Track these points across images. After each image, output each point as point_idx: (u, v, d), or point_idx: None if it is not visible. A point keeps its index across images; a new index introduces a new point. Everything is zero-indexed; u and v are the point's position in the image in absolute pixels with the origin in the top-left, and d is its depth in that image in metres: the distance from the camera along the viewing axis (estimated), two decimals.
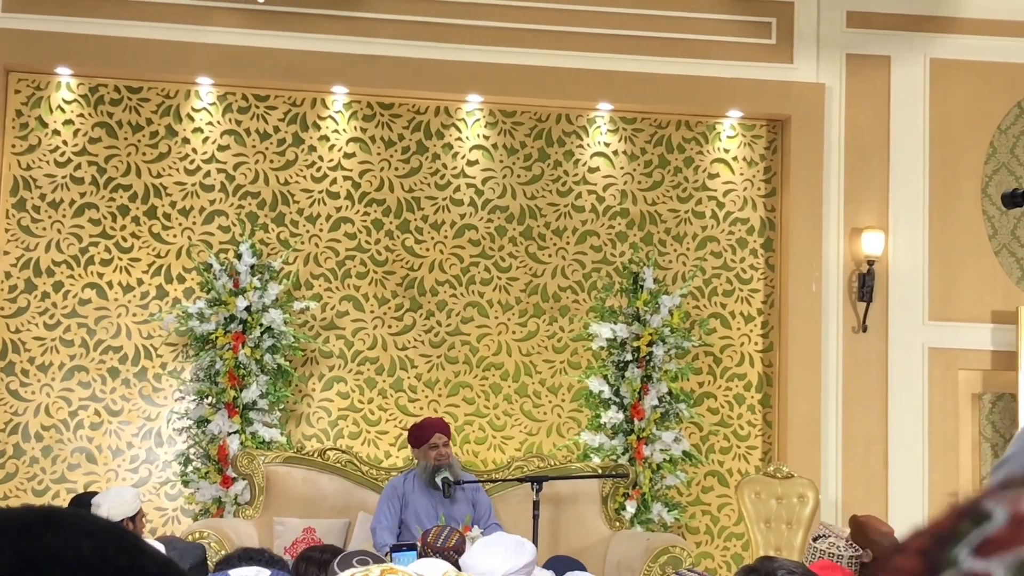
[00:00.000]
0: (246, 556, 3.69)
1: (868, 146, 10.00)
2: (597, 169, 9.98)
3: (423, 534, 6.69)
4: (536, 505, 7.41)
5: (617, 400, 9.22)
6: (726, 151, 10.10)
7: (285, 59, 9.53)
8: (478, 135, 9.89)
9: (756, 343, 10.02)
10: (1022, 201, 3.33)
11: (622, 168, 10.00)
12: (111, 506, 6.66)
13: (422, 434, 8.00)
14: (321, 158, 9.74)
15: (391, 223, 9.75)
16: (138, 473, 9.36)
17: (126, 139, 9.58)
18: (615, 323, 9.26)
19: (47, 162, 9.50)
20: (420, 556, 5.33)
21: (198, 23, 9.51)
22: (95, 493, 7.27)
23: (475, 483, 8.15)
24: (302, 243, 9.65)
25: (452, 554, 5.64)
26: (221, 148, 9.67)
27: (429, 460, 7.89)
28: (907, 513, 9.47)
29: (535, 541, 7.03)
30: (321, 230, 9.69)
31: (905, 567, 0.49)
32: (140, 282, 9.51)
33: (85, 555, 0.70)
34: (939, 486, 9.81)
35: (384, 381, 9.65)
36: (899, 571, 0.49)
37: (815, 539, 6.72)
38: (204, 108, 9.67)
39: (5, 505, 8.87)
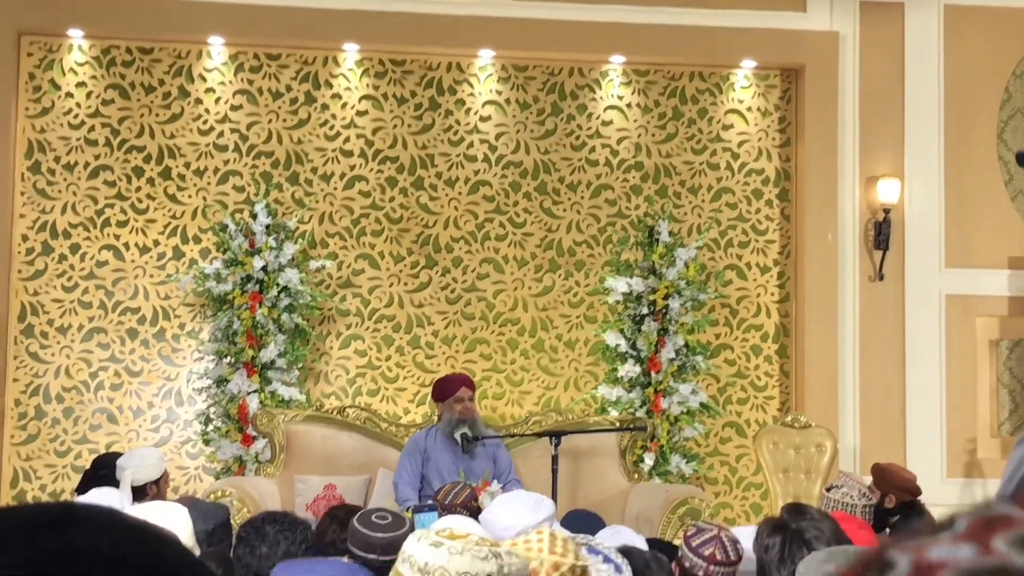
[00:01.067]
0: (269, 519, 3.71)
1: (883, 93, 9.95)
2: (611, 122, 9.96)
3: (435, 493, 6.73)
4: (554, 459, 7.42)
5: (634, 353, 9.23)
6: (740, 102, 10.06)
7: (296, 17, 9.50)
8: (491, 90, 9.87)
9: (772, 294, 10.02)
10: None
11: (636, 121, 9.98)
12: (136, 469, 6.58)
13: (447, 388, 8.00)
14: (334, 116, 9.73)
15: (405, 180, 9.75)
16: (159, 433, 9.41)
17: (139, 100, 9.58)
18: (631, 277, 9.26)
19: (61, 125, 9.51)
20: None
21: None
22: (118, 454, 7.19)
23: (495, 439, 8.16)
24: (317, 202, 9.66)
25: (461, 511, 5.66)
26: (234, 108, 9.66)
27: (454, 413, 7.90)
28: (925, 460, 9.49)
29: (554, 495, 7.06)
30: (335, 188, 9.70)
31: None
32: (156, 243, 9.53)
33: (106, 551, 0.70)
34: (957, 433, 9.82)
35: (401, 338, 9.68)
36: None
37: (828, 489, 6.75)
38: (216, 68, 9.66)
39: (28, 466, 8.95)
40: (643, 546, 3.97)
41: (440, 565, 2.03)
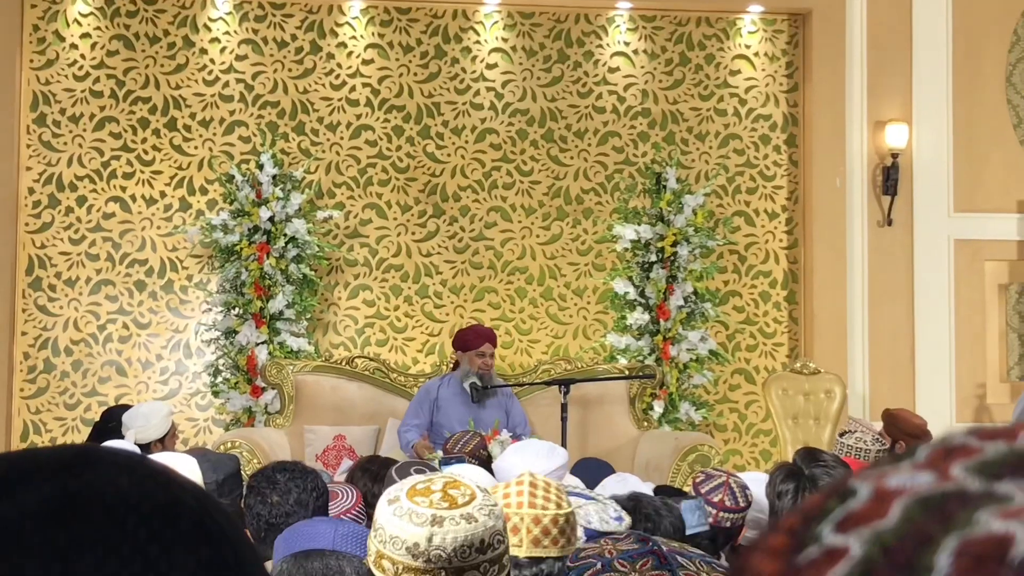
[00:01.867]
0: (280, 468, 3.71)
1: (890, 37, 9.89)
2: (617, 69, 9.91)
3: (444, 442, 6.75)
4: (564, 408, 7.43)
5: (642, 301, 9.22)
6: (747, 47, 10.01)
7: None
8: (496, 38, 9.82)
9: (781, 240, 10.00)
10: None
11: (643, 67, 9.93)
12: (139, 430, 6.51)
13: (472, 340, 7.98)
14: (339, 65, 9.69)
15: (411, 129, 9.72)
16: (168, 385, 9.43)
17: (144, 51, 9.54)
18: (639, 224, 9.24)
19: (66, 76, 9.48)
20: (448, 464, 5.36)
21: None
22: (127, 406, 7.15)
23: (506, 388, 8.15)
24: (323, 152, 9.63)
25: (469, 459, 5.67)
26: (239, 58, 9.62)
27: (473, 367, 7.90)
28: (934, 405, 9.50)
29: (563, 444, 7.07)
30: (342, 138, 9.67)
31: (774, 545, 0.50)
32: (163, 195, 9.51)
33: (124, 491, 0.71)
34: (966, 378, 9.82)
35: (409, 288, 9.67)
36: (768, 549, 0.50)
37: (841, 435, 6.75)
38: (220, 18, 9.61)
39: (38, 419, 8.96)
40: (650, 493, 3.97)
41: (381, 524, 2.00)
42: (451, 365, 8.39)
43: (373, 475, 4.38)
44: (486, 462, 5.81)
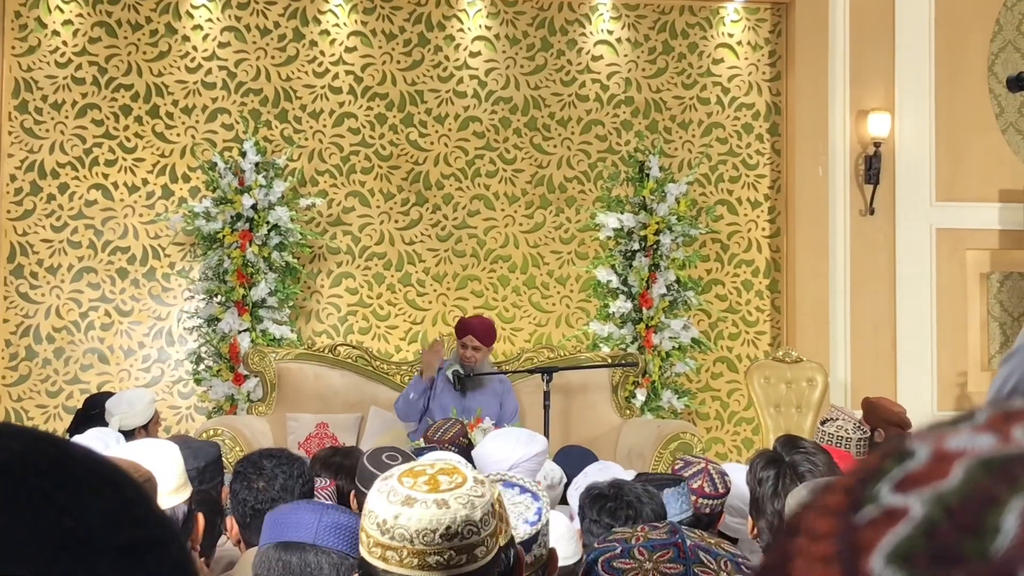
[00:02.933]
0: (267, 454, 3.71)
1: (873, 26, 9.91)
2: (600, 57, 9.91)
3: (426, 430, 6.74)
4: (546, 396, 7.42)
5: (625, 289, 9.22)
6: (730, 36, 10.02)
7: None
8: (480, 26, 9.81)
9: (763, 228, 10.01)
10: None
11: (626, 56, 9.93)
12: (123, 416, 6.53)
13: (459, 331, 7.94)
14: (322, 53, 9.68)
15: (395, 117, 9.71)
16: (150, 372, 9.42)
17: (126, 38, 9.51)
18: (622, 212, 9.24)
19: (48, 63, 9.45)
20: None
21: None
22: (109, 394, 7.14)
23: (496, 376, 8.12)
24: (306, 139, 9.62)
25: (449, 446, 5.68)
26: (221, 45, 9.60)
27: (458, 356, 7.90)
28: (916, 393, 9.53)
29: (546, 431, 7.07)
30: (324, 126, 9.66)
31: (830, 503, 0.51)
32: (145, 182, 9.50)
33: (16, 454, 0.74)
34: (947, 366, 9.85)
35: (392, 276, 9.67)
36: (825, 508, 0.51)
37: (823, 423, 6.76)
38: (203, 4, 9.59)
39: (20, 406, 8.95)
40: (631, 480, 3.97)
41: (369, 496, 2.02)
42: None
43: (334, 467, 4.31)
44: (466, 449, 5.81)
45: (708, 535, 2.24)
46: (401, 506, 1.94)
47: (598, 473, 4.22)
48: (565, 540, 3.11)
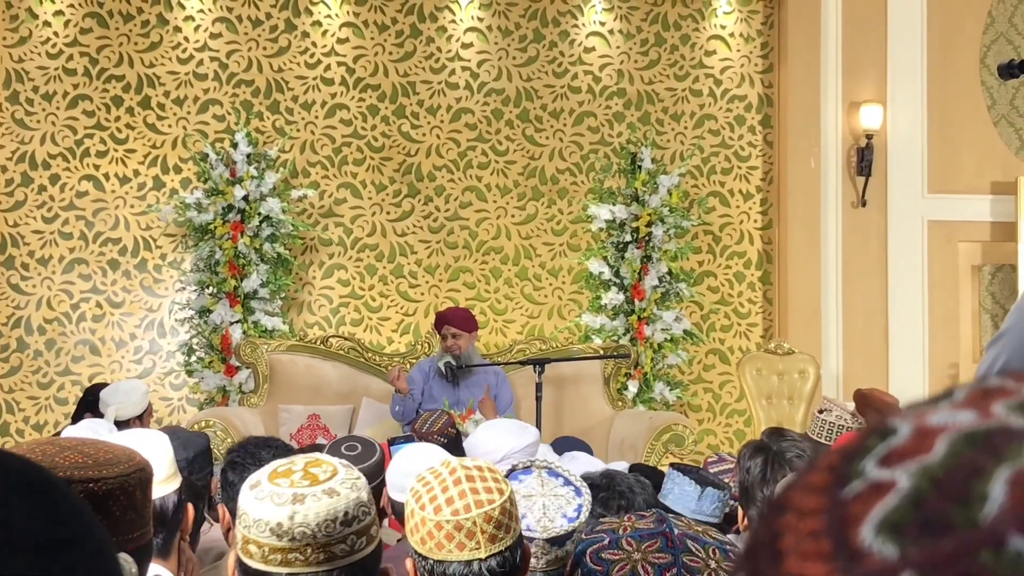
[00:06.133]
0: (263, 443, 3.70)
1: (866, 18, 9.91)
2: (593, 49, 9.91)
3: (413, 421, 6.73)
4: (539, 387, 7.43)
5: (617, 281, 9.22)
6: (723, 27, 10.01)
7: None
8: (472, 17, 9.80)
9: (755, 220, 10.02)
10: (1019, 72, 3.30)
11: (618, 47, 9.93)
12: (119, 406, 6.55)
13: (438, 324, 7.97)
14: (314, 44, 9.66)
15: (387, 108, 9.70)
16: (142, 364, 9.41)
17: (117, 29, 9.49)
18: (614, 204, 9.24)
19: (39, 54, 9.43)
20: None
21: None
22: (105, 384, 7.14)
23: (491, 368, 8.12)
24: (298, 131, 9.61)
25: (438, 438, 5.67)
26: (213, 36, 9.59)
27: (444, 348, 7.90)
28: (908, 385, 9.53)
29: (538, 423, 7.08)
30: (316, 117, 9.64)
31: (815, 481, 0.52)
32: (136, 173, 9.48)
33: None
34: (939, 358, 9.86)
35: (384, 267, 9.67)
36: (810, 485, 0.52)
37: (820, 412, 6.77)
38: None
39: (11, 398, 8.93)
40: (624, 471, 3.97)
41: (244, 510, 1.99)
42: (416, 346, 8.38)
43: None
44: (455, 440, 5.81)
45: (695, 523, 2.24)
46: (293, 504, 1.91)
47: (567, 464, 4.21)
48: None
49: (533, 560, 2.68)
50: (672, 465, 4.03)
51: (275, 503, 1.92)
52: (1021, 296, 1.82)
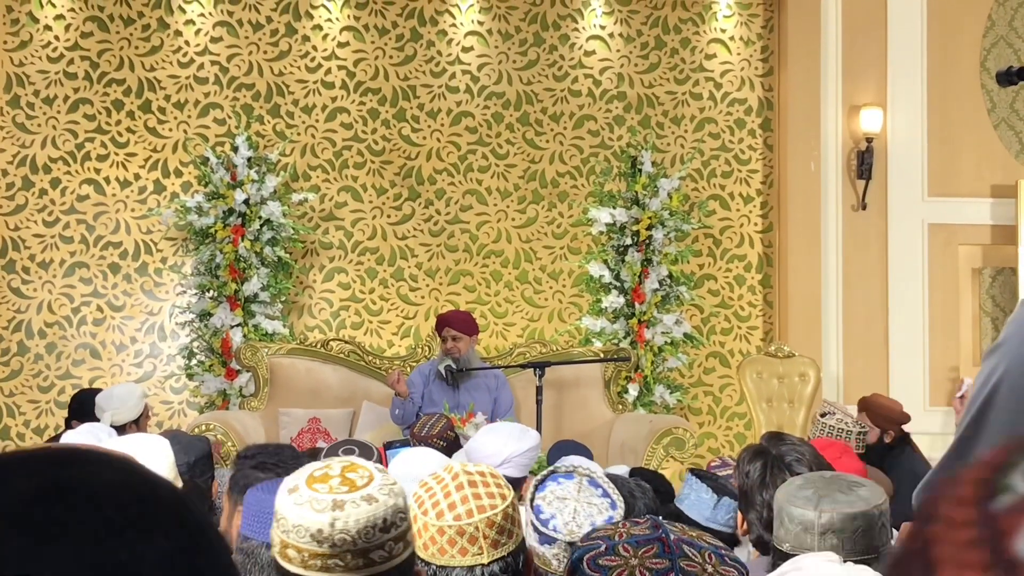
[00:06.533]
0: (288, 452, 3.70)
1: (865, 22, 9.91)
2: (593, 53, 9.91)
3: (412, 425, 6.73)
4: (539, 390, 7.42)
5: (618, 284, 9.23)
6: (723, 31, 10.02)
7: None
8: (472, 21, 9.81)
9: (756, 224, 10.02)
10: (1017, 79, 3.31)
11: (618, 51, 9.93)
12: (115, 412, 6.54)
13: (438, 327, 7.98)
14: (315, 48, 9.67)
15: (387, 112, 9.70)
16: (142, 367, 9.41)
17: (118, 33, 9.50)
18: (614, 207, 9.24)
19: (40, 58, 9.43)
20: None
21: None
22: (98, 390, 7.13)
23: (491, 371, 8.11)
24: (298, 134, 9.61)
25: (437, 441, 5.67)
26: (214, 40, 9.59)
27: (443, 350, 7.90)
28: (908, 388, 9.53)
29: (539, 426, 7.08)
30: (317, 121, 9.65)
31: (963, 494, 0.53)
32: (137, 177, 9.48)
33: (107, 482, 0.78)
34: (939, 361, 9.86)
35: (385, 271, 9.67)
36: (959, 498, 0.53)
37: (823, 415, 6.78)
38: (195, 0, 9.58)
39: (12, 401, 8.93)
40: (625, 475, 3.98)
41: (283, 514, 1.99)
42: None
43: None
44: (454, 443, 5.81)
45: (690, 528, 2.24)
46: (333, 511, 1.92)
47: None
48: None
49: (555, 562, 2.70)
50: (691, 470, 4.03)
51: (315, 509, 1.93)
52: (1019, 306, 1.81)
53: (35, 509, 0.74)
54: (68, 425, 6.66)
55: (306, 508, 1.94)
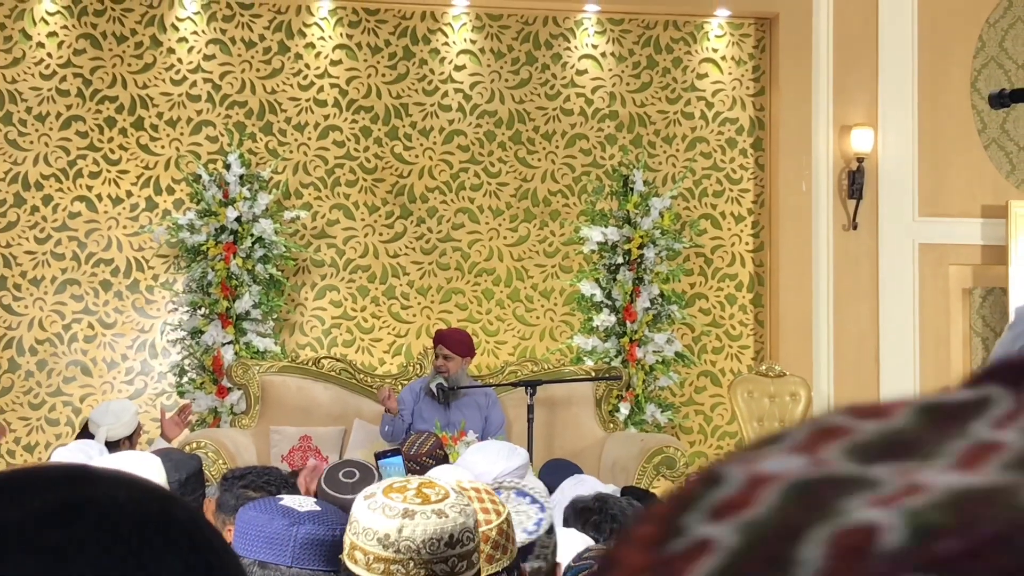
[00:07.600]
0: (263, 474, 3.71)
1: (857, 42, 9.94)
2: (585, 72, 9.94)
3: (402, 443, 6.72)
4: (530, 409, 7.43)
5: (609, 303, 9.24)
6: (714, 51, 10.05)
7: None
8: (465, 39, 9.83)
9: (747, 243, 10.04)
10: (1009, 102, 3.33)
11: (610, 70, 9.95)
12: (110, 427, 6.57)
13: (435, 340, 7.99)
14: (307, 66, 9.68)
15: (379, 130, 9.72)
16: (133, 385, 9.40)
17: (111, 50, 9.51)
18: (606, 226, 9.26)
19: (32, 75, 9.44)
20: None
21: None
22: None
23: (481, 390, 8.11)
24: (291, 152, 9.62)
25: (426, 460, 5.66)
26: (207, 58, 9.60)
27: (434, 367, 7.91)
28: None
29: (530, 445, 7.07)
30: (309, 138, 9.66)
31: (642, 535, 0.47)
32: (129, 194, 9.49)
33: (120, 501, 0.77)
34: (930, 381, 9.87)
35: (376, 289, 9.67)
36: (636, 540, 0.47)
37: None
38: (188, 17, 9.59)
39: (2, 419, 8.92)
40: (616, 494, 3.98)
41: (356, 517, 2.04)
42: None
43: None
44: (443, 462, 5.80)
45: None
46: (402, 518, 1.97)
47: (575, 487, 4.22)
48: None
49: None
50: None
51: (386, 515, 1.98)
52: (1006, 330, 1.80)
53: (48, 528, 0.74)
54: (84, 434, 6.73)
55: (378, 513, 1.99)
